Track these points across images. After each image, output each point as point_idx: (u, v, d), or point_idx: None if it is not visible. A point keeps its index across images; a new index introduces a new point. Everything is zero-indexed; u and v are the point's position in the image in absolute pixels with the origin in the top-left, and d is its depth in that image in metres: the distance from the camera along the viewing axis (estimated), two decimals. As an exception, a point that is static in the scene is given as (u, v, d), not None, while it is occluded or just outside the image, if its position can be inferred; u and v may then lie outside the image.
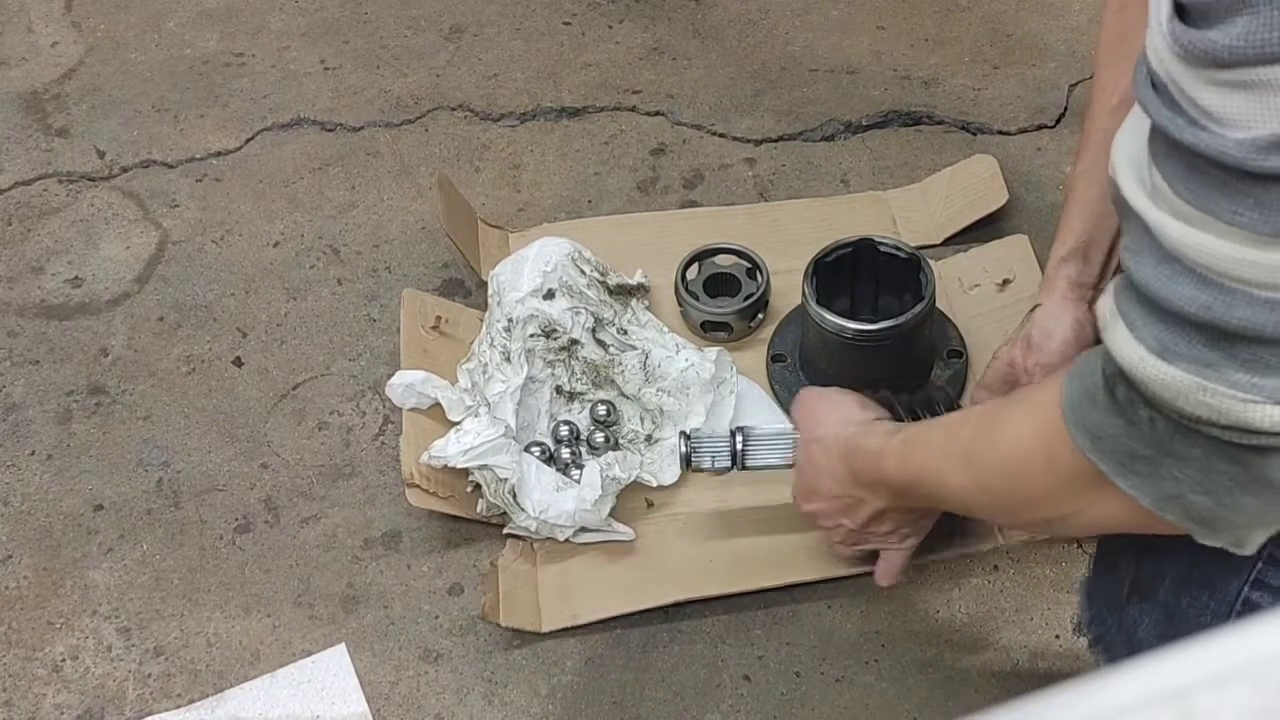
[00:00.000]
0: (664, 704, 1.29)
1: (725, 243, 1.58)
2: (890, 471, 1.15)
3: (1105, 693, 0.40)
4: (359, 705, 1.30)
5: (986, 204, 1.63)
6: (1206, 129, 0.72)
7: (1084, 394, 0.88)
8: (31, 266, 1.68)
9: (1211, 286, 0.75)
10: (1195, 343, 0.78)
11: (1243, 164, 0.70)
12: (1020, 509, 1.03)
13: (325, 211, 1.72)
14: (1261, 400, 0.76)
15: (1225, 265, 0.74)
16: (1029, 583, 1.36)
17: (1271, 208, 0.71)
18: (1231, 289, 0.74)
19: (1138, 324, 0.81)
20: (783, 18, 1.94)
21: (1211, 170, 0.72)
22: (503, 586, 1.33)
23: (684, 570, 1.37)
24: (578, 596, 1.35)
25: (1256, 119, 0.69)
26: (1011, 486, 1.01)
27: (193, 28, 1.97)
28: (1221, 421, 0.78)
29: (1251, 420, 0.77)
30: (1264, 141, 0.69)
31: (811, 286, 1.41)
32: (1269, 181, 0.70)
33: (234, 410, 1.53)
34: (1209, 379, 0.77)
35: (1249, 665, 0.39)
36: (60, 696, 1.32)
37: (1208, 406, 0.78)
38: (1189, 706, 0.38)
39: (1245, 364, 0.76)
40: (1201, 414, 0.79)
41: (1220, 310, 0.75)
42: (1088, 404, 0.88)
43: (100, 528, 1.44)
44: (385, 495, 1.45)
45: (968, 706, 1.28)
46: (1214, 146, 0.71)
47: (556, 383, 1.48)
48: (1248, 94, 0.69)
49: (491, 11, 1.97)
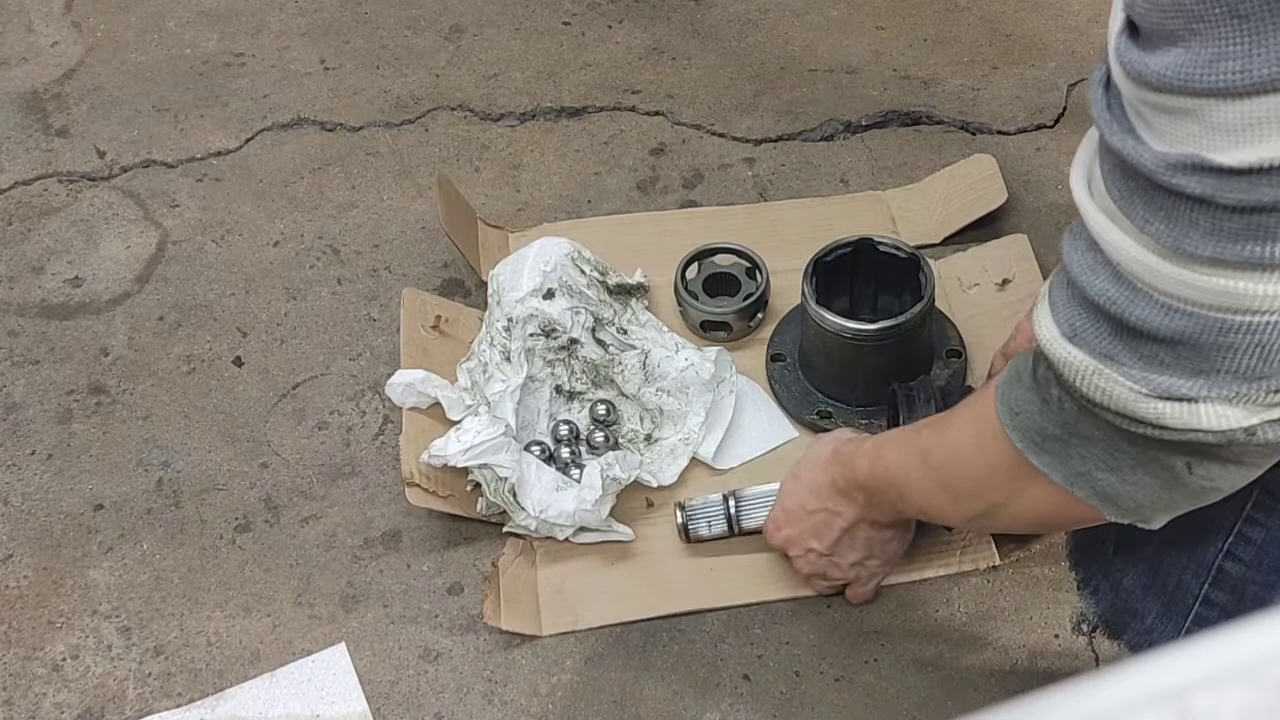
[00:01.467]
0: (663, 703, 1.30)
1: (725, 242, 1.58)
2: (863, 471, 1.18)
3: (1104, 692, 0.40)
4: (359, 704, 1.30)
5: (986, 203, 1.63)
6: (1136, 136, 0.77)
7: (1014, 373, 0.96)
8: (32, 266, 1.68)
9: (1122, 282, 0.81)
10: (1102, 332, 0.84)
11: (1153, 176, 0.76)
12: (961, 501, 1.08)
13: (325, 211, 1.72)
14: (1149, 395, 0.82)
15: (1133, 266, 0.80)
16: (1028, 582, 1.36)
17: (1176, 223, 0.76)
18: (1137, 288, 0.80)
19: (1059, 305, 0.87)
20: (782, 18, 1.94)
21: (1136, 177, 0.78)
22: (503, 591, 1.33)
23: (684, 579, 1.37)
24: (578, 603, 1.35)
25: (1175, 140, 0.74)
26: (953, 476, 1.07)
27: (193, 28, 1.97)
28: (1114, 407, 0.85)
29: (1139, 411, 0.84)
30: (1175, 160, 0.74)
31: (811, 286, 1.42)
32: (1176, 199, 0.75)
33: (234, 410, 1.53)
34: (1107, 366, 0.84)
35: (1247, 665, 0.39)
36: (60, 695, 1.32)
37: (1103, 392, 0.85)
38: (1187, 705, 0.38)
39: (1142, 359, 0.82)
40: (1098, 398, 0.86)
41: (1125, 305, 0.81)
42: (1014, 381, 0.95)
43: (100, 527, 1.44)
44: (385, 495, 1.45)
45: (967, 705, 1.28)
46: (1134, 155, 0.77)
47: (556, 382, 1.48)
48: (1171, 117, 0.74)
49: (491, 11, 1.97)
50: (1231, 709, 0.38)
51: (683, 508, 1.37)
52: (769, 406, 1.49)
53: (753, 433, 1.47)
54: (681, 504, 1.38)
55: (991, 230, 1.63)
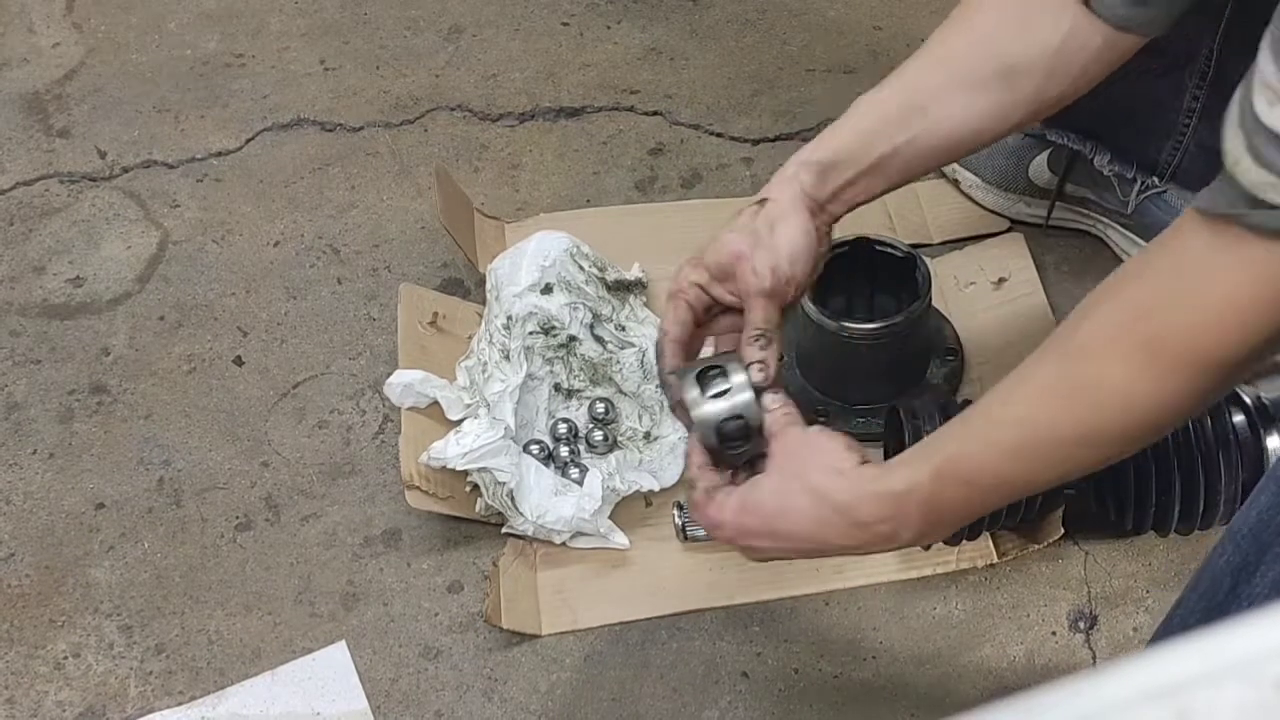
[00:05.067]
0: (662, 700, 1.30)
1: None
2: (934, 494, 1.03)
3: (1100, 689, 0.40)
4: (359, 702, 1.31)
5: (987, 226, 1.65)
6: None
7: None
8: (33, 266, 1.69)
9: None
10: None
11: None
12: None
13: (325, 211, 1.73)
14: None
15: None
16: (1025, 580, 1.37)
17: None
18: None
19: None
20: (780, 18, 1.94)
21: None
22: (504, 591, 1.34)
23: (683, 580, 1.37)
24: (578, 604, 1.36)
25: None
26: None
27: (193, 29, 1.97)
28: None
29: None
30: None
31: (809, 285, 1.42)
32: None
33: (235, 409, 1.54)
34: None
35: (1243, 662, 0.39)
36: (62, 694, 1.33)
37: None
38: (1184, 703, 0.39)
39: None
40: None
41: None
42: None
43: (102, 526, 1.45)
44: (385, 493, 1.45)
45: (964, 702, 1.28)
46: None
47: (555, 380, 1.48)
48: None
49: (490, 12, 1.98)
50: (1228, 706, 0.38)
51: (681, 508, 1.38)
52: (767, 405, 1.49)
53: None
54: (680, 504, 1.38)
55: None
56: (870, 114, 1.20)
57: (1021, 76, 1.17)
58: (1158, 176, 1.53)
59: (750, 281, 1.16)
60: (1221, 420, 1.28)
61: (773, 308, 1.17)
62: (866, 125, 1.19)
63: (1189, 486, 1.29)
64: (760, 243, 1.17)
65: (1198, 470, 1.28)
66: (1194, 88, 1.45)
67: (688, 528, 1.37)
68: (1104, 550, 1.38)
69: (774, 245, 1.17)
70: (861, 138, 1.19)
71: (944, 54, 1.19)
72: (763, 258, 1.16)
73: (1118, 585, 1.36)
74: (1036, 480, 1.04)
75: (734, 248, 1.17)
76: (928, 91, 1.18)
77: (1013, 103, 1.18)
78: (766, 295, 1.16)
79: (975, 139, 1.21)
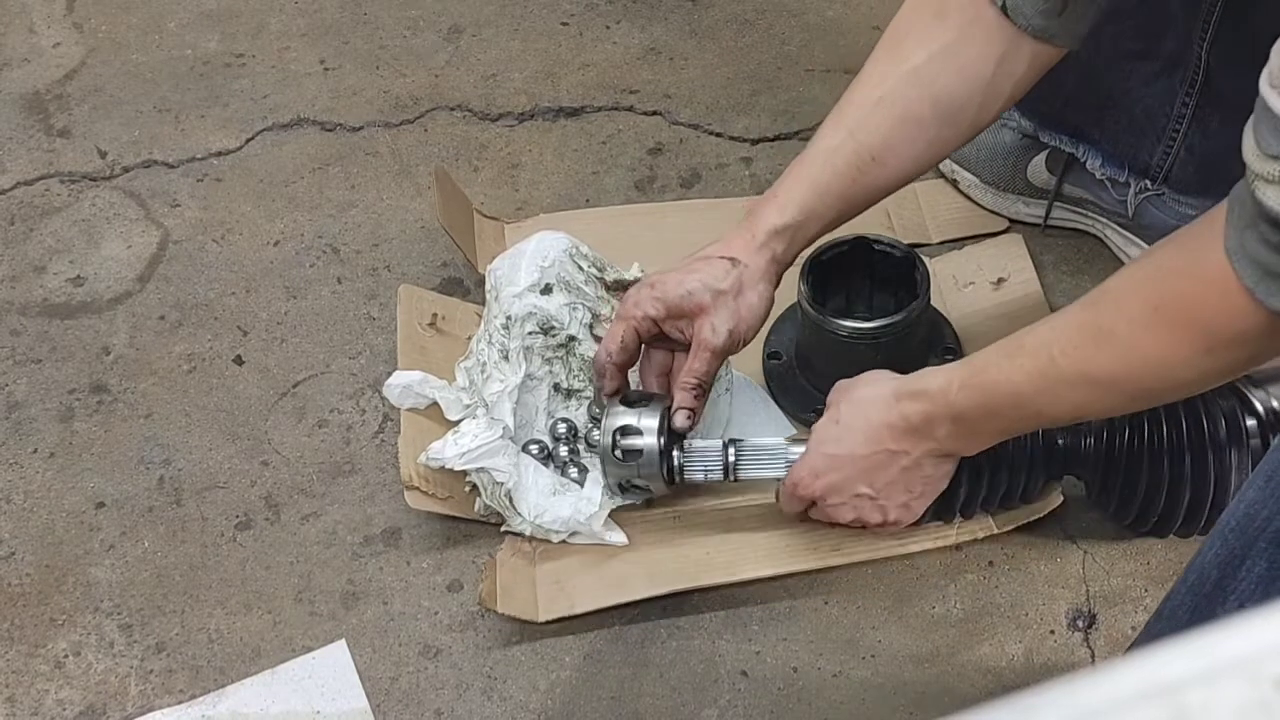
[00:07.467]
0: (661, 699, 1.30)
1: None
2: (959, 401, 1.15)
3: (1098, 688, 0.40)
4: (359, 701, 1.31)
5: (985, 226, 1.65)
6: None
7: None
8: (34, 266, 1.69)
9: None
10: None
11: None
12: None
13: (325, 211, 1.73)
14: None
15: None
16: (1024, 578, 1.37)
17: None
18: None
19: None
20: (779, 18, 1.95)
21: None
22: (501, 581, 1.34)
23: (681, 563, 1.37)
24: (575, 588, 1.35)
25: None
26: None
27: (193, 29, 1.98)
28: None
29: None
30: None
31: (807, 284, 1.42)
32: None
33: (235, 408, 1.54)
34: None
35: (1242, 660, 0.39)
36: (62, 693, 1.33)
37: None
38: (1182, 702, 0.39)
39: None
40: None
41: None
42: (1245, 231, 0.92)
43: (102, 525, 1.45)
44: (385, 492, 1.46)
45: (963, 701, 1.28)
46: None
47: (554, 380, 1.48)
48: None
49: (490, 12, 1.98)
50: (1226, 705, 0.38)
51: (681, 449, 1.34)
52: (766, 404, 1.49)
53: (749, 430, 1.47)
54: (680, 445, 1.34)
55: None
56: (825, 167, 1.28)
57: (958, 112, 1.26)
58: (1149, 180, 1.53)
59: (706, 336, 1.27)
60: (1236, 423, 1.28)
61: (716, 363, 1.30)
62: (824, 180, 1.28)
63: (1198, 490, 1.29)
64: (725, 304, 1.26)
65: (1209, 473, 1.28)
66: (1184, 93, 1.45)
67: (685, 469, 1.33)
68: (1103, 549, 1.38)
69: (737, 309, 1.27)
70: (819, 194, 1.28)
71: (882, 94, 1.27)
72: (724, 318, 1.26)
73: (1116, 584, 1.36)
74: (1045, 412, 1.14)
75: (700, 300, 1.27)
76: (875, 138, 1.27)
77: (954, 136, 1.29)
78: (717, 352, 1.28)
79: (917, 174, 1.33)
